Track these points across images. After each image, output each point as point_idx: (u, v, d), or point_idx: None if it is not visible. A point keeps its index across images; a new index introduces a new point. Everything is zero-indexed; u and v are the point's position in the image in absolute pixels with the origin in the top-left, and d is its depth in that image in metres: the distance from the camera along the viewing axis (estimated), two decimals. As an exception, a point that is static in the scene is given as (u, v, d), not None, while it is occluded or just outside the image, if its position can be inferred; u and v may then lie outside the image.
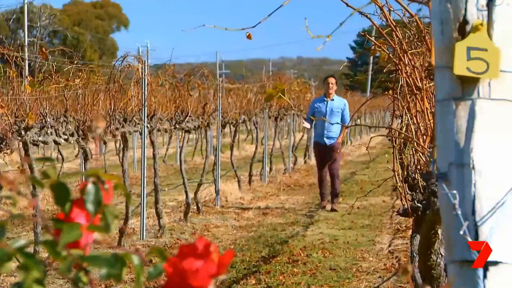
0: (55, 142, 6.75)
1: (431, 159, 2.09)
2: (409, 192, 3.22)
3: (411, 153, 3.23)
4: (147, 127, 8.86)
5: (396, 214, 3.08)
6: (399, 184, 3.16)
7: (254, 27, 2.52)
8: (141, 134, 8.78)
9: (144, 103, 8.65)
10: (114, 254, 0.99)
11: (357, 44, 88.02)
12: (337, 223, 10.04)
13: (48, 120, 6.51)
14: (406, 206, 3.13)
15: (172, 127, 9.90)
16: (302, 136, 17.61)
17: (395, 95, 3.08)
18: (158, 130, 9.51)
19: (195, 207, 10.75)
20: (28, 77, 6.20)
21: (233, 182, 13.11)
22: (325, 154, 11.15)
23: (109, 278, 0.98)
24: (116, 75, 8.25)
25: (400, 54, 2.65)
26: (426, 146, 2.22)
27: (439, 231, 2.26)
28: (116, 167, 18.42)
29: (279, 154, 16.29)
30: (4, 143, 5.76)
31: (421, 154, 2.85)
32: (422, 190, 3.24)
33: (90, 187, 1.00)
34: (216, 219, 10.45)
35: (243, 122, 13.24)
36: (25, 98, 6.13)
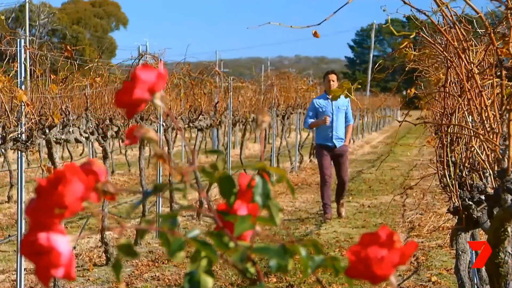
0: (76, 140, 6.75)
1: (506, 157, 2.11)
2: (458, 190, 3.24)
3: (462, 150, 3.24)
4: (162, 125, 8.87)
5: (446, 212, 3.10)
6: (450, 182, 3.17)
7: (319, 24, 2.53)
8: (156, 132, 8.78)
9: (160, 102, 8.65)
10: (282, 245, 1.00)
11: (356, 43, 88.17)
12: (350, 222, 10.05)
13: (71, 118, 6.51)
14: (456, 204, 3.14)
15: (186, 125, 9.90)
16: (308, 134, 17.63)
17: (448, 93, 3.09)
18: (173, 128, 9.52)
19: (206, 205, 10.74)
20: (52, 76, 6.20)
21: (242, 181, 13.11)
22: (334, 158, 10.22)
23: (279, 270, 0.99)
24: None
25: (460, 52, 2.66)
26: (497, 143, 2.24)
27: (509, 229, 2.28)
28: (121, 165, 18.41)
29: (286, 153, 16.29)
30: (30, 142, 5.76)
31: (478, 151, 2.86)
32: (469, 188, 3.25)
33: (258, 179, 1.01)
34: (228, 217, 10.44)
35: (252, 120, 13.25)
36: (49, 97, 6.14)
